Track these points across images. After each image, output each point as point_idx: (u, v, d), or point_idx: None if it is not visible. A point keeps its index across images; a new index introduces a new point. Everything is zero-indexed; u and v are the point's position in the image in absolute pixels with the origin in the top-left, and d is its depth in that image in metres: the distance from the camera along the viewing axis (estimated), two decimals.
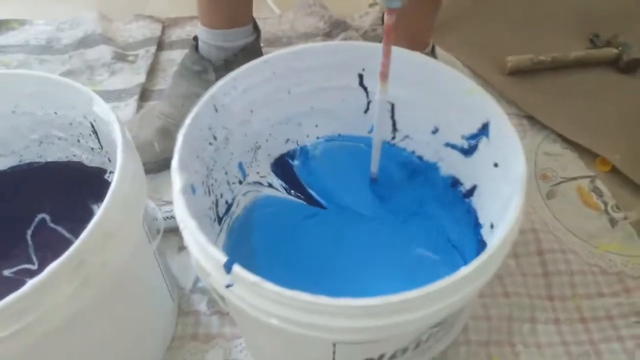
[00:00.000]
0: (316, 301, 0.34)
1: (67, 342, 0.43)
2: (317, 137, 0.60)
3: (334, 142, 0.60)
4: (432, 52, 0.76)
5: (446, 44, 0.89)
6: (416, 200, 0.59)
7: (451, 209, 0.56)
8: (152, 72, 0.90)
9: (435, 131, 0.54)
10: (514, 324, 0.59)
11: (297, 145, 0.60)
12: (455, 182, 0.55)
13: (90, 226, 0.38)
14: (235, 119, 0.52)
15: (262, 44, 0.79)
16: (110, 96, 0.85)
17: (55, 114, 0.53)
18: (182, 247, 0.67)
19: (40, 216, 0.58)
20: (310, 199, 0.61)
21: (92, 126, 0.52)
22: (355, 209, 0.60)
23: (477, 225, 0.52)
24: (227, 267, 0.36)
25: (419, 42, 0.73)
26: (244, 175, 0.58)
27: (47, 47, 0.96)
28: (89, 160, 0.57)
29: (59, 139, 0.56)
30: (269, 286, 0.35)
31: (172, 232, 0.65)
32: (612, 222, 0.69)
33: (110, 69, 0.90)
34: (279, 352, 0.50)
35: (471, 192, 0.54)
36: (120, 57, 0.91)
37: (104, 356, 0.49)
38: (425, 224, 0.58)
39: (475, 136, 0.50)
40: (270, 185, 0.60)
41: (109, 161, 0.55)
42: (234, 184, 0.57)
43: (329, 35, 0.95)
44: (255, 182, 0.59)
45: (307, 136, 0.59)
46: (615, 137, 0.77)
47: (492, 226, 0.49)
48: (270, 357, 0.54)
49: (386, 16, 0.44)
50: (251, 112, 0.54)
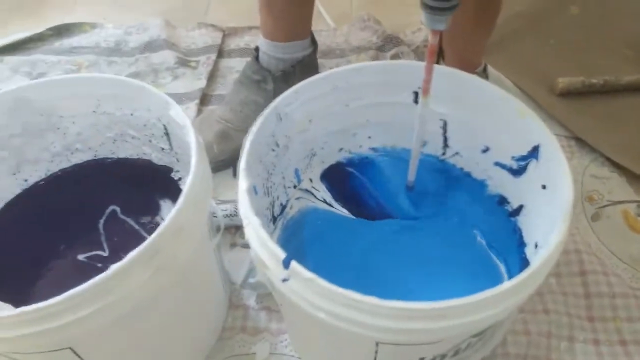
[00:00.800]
0: (364, 300, 0.36)
1: (134, 327, 0.46)
2: (370, 148, 0.62)
3: (385, 154, 0.63)
4: (484, 72, 0.77)
5: (497, 63, 0.90)
6: (462, 216, 0.60)
7: (496, 227, 0.57)
8: (211, 78, 0.94)
9: (485, 150, 0.56)
10: (552, 341, 0.60)
11: (350, 154, 0.63)
12: (502, 201, 0.57)
13: (167, 220, 0.42)
14: (295, 127, 0.55)
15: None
16: (172, 99, 0.90)
17: (131, 115, 0.58)
18: (233, 245, 0.71)
19: (111, 208, 0.62)
20: (356, 208, 0.63)
21: (165, 128, 0.56)
22: (401, 220, 0.62)
23: (521, 244, 0.53)
24: (286, 263, 0.39)
25: (471, 63, 0.74)
26: (299, 180, 0.61)
27: (115, 50, 1.02)
28: (158, 159, 0.61)
29: (133, 138, 0.60)
30: (323, 283, 0.37)
31: (226, 229, 0.68)
32: None
33: (173, 73, 0.95)
34: (323, 348, 0.52)
35: (517, 211, 0.55)
36: (183, 62, 0.96)
37: (164, 341, 0.52)
38: (470, 240, 0.59)
39: (525, 158, 0.51)
40: (317, 192, 0.63)
41: (177, 161, 0.59)
42: (289, 187, 0.60)
43: (381, 49, 0.97)
44: (306, 190, 0.62)
45: (360, 146, 0.62)
46: None
47: (536, 246, 0.49)
48: (313, 354, 0.56)
49: (430, 37, 0.47)
50: (310, 121, 0.56)
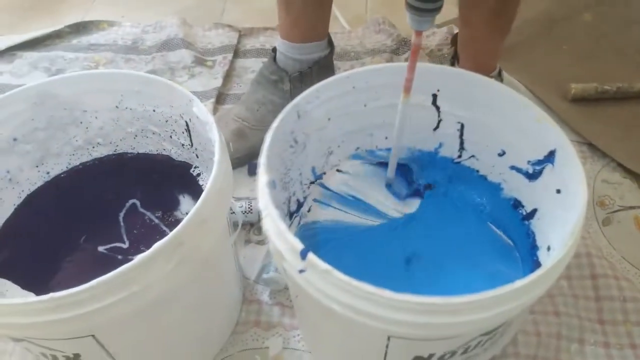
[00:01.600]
0: (378, 293, 0.37)
1: (154, 317, 0.48)
2: (386, 148, 0.63)
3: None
4: (499, 76, 0.78)
5: (510, 68, 0.91)
6: (476, 218, 0.61)
7: (510, 230, 0.58)
8: (227, 77, 0.96)
9: (502, 154, 0.56)
10: (563, 343, 0.60)
11: (366, 153, 0.63)
12: (516, 204, 0.57)
13: (192, 211, 0.43)
14: (314, 125, 0.56)
15: None
16: None
17: (153, 111, 0.59)
18: (248, 241, 0.72)
19: (131, 201, 0.64)
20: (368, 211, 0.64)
21: (187, 124, 0.58)
22: (413, 221, 0.63)
23: (534, 247, 0.54)
24: (303, 254, 0.40)
25: (486, 66, 0.75)
26: (315, 178, 0.62)
27: (132, 48, 1.04)
28: (177, 154, 0.62)
29: (154, 133, 0.61)
30: (339, 275, 0.38)
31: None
32: None
33: (190, 72, 0.96)
34: (334, 342, 0.53)
35: (531, 215, 0.55)
36: (199, 61, 0.98)
37: (182, 333, 0.53)
38: (485, 241, 0.59)
39: (541, 162, 0.51)
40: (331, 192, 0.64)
41: (197, 157, 0.60)
42: (305, 184, 0.61)
43: (395, 52, 0.98)
44: (322, 185, 0.63)
45: (376, 146, 0.63)
46: None
47: (548, 249, 0.50)
48: (324, 347, 0.57)
49: (414, 37, 0.47)
50: (328, 119, 0.57)
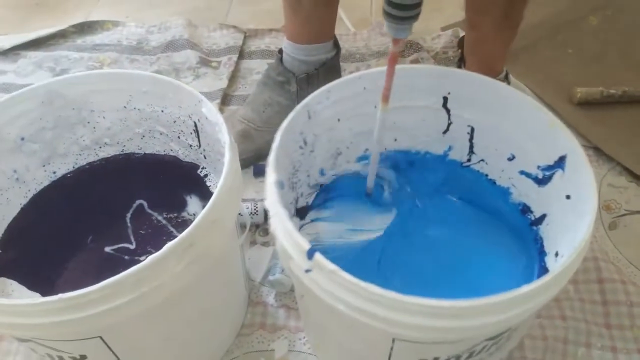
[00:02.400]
0: (384, 294, 0.37)
1: (162, 319, 0.47)
2: (394, 150, 0.63)
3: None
4: (506, 79, 0.78)
5: (516, 71, 0.91)
6: (484, 223, 0.61)
7: (518, 235, 0.58)
8: (232, 78, 0.95)
9: (511, 158, 0.56)
10: (569, 347, 0.60)
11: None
12: (525, 209, 0.57)
13: (203, 212, 0.43)
14: (323, 125, 0.56)
15: None
16: None
17: (162, 111, 0.59)
18: (253, 242, 0.72)
19: (138, 202, 0.64)
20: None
21: (195, 125, 0.57)
22: (419, 223, 0.63)
23: (542, 252, 0.54)
24: (310, 254, 0.40)
25: (493, 69, 0.75)
26: (323, 180, 0.62)
27: (137, 48, 1.03)
28: (185, 155, 0.62)
29: (161, 134, 0.61)
30: (345, 275, 0.38)
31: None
32: None
33: (195, 73, 0.96)
34: (338, 344, 0.52)
35: (540, 220, 0.55)
36: (204, 62, 0.98)
37: (189, 335, 0.53)
38: (492, 246, 0.59)
39: (551, 167, 0.51)
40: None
41: (204, 158, 0.60)
42: (313, 186, 0.61)
43: (401, 54, 0.98)
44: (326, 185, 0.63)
45: (385, 148, 0.62)
46: None
47: (556, 255, 0.50)
48: (329, 349, 0.57)
49: (392, 45, 0.46)
50: (338, 120, 0.57)
